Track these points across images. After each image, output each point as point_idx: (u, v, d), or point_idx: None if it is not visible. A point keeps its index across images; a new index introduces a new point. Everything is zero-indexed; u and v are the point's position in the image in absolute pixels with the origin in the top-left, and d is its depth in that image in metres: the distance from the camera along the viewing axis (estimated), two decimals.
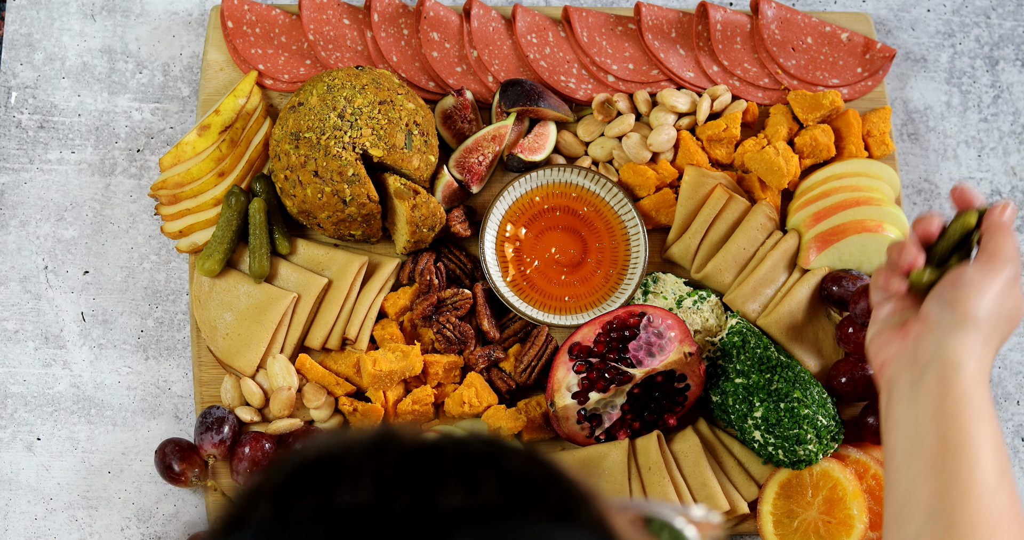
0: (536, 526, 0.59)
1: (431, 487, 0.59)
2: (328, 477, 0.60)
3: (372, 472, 0.60)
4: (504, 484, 0.60)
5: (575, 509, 0.61)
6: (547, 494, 0.61)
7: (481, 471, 0.60)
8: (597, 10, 1.58)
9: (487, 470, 0.61)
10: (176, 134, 1.54)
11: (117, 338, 1.48)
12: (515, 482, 0.61)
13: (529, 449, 0.65)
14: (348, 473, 0.60)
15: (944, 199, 1.57)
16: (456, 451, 0.62)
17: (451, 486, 0.59)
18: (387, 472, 0.60)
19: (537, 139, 1.50)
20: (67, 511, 1.43)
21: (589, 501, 0.62)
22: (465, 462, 0.61)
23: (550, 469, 0.63)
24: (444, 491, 0.59)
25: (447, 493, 0.59)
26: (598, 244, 1.48)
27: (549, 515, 0.60)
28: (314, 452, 0.63)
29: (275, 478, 0.62)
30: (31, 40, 1.57)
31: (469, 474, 0.60)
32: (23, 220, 1.51)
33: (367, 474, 0.60)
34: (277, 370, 1.42)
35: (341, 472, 0.60)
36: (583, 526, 0.61)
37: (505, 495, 0.60)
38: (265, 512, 0.60)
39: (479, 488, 0.60)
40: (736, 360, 1.39)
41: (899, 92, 1.61)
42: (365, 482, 0.60)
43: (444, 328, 1.42)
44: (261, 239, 1.44)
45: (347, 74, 1.43)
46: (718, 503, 1.39)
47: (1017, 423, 1.52)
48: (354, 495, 0.59)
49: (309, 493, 0.60)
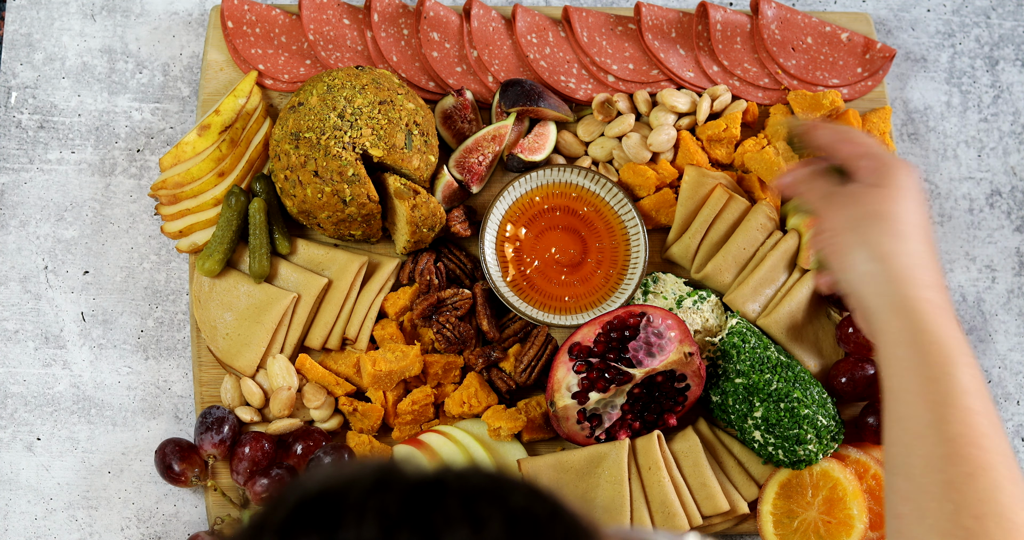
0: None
1: (436, 524, 0.59)
2: (331, 514, 0.60)
3: (376, 509, 0.60)
4: (509, 521, 0.60)
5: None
6: (551, 530, 0.61)
7: (486, 508, 0.60)
8: (597, 10, 1.58)
9: (491, 507, 0.60)
10: (176, 134, 1.54)
11: (117, 338, 1.48)
12: (519, 519, 0.60)
13: (530, 483, 0.65)
14: (352, 510, 0.60)
15: (944, 199, 1.58)
16: (459, 486, 0.62)
17: (455, 523, 0.59)
18: (391, 509, 0.60)
19: (537, 139, 1.50)
20: (67, 511, 1.43)
21: (591, 535, 0.62)
22: (469, 498, 0.61)
23: (553, 504, 0.63)
24: (449, 528, 0.59)
25: (452, 531, 0.59)
26: (598, 244, 1.48)
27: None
28: (316, 487, 0.62)
29: (278, 514, 0.62)
30: (31, 40, 1.57)
31: (473, 511, 0.60)
32: (23, 220, 1.51)
33: (371, 511, 0.60)
34: (277, 370, 1.42)
35: (344, 509, 0.60)
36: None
37: (510, 532, 0.60)
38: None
39: (484, 525, 0.59)
40: (736, 360, 1.39)
41: (899, 92, 1.61)
42: (369, 519, 0.59)
43: (444, 328, 1.42)
44: (261, 239, 1.44)
45: (347, 74, 1.43)
46: (718, 503, 1.39)
47: (1017, 423, 1.52)
48: (359, 532, 0.59)
49: (313, 530, 0.60)
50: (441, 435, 1.40)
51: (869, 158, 1.16)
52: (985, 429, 0.97)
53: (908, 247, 1.09)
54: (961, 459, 0.95)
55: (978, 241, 1.56)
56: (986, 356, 1.53)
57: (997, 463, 0.95)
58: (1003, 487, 0.94)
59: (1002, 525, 0.92)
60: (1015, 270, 1.56)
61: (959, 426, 0.97)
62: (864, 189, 1.14)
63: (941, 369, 1.00)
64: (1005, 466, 0.96)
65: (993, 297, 1.55)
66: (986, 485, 0.94)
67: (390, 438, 1.44)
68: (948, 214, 1.57)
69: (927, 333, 1.03)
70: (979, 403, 0.99)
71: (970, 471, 0.95)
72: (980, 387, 1.00)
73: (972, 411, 0.98)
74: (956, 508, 0.93)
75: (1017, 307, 1.55)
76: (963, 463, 0.95)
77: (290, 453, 1.39)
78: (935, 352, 1.01)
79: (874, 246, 1.09)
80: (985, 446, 0.96)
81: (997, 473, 0.95)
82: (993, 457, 0.96)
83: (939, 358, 1.01)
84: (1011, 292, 1.55)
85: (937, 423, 0.98)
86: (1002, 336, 1.54)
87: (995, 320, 1.54)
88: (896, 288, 1.06)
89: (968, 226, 1.57)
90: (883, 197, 1.12)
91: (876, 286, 1.08)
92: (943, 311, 1.05)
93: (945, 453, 0.96)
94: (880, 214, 1.11)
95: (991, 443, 0.97)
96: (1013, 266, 1.56)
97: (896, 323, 1.05)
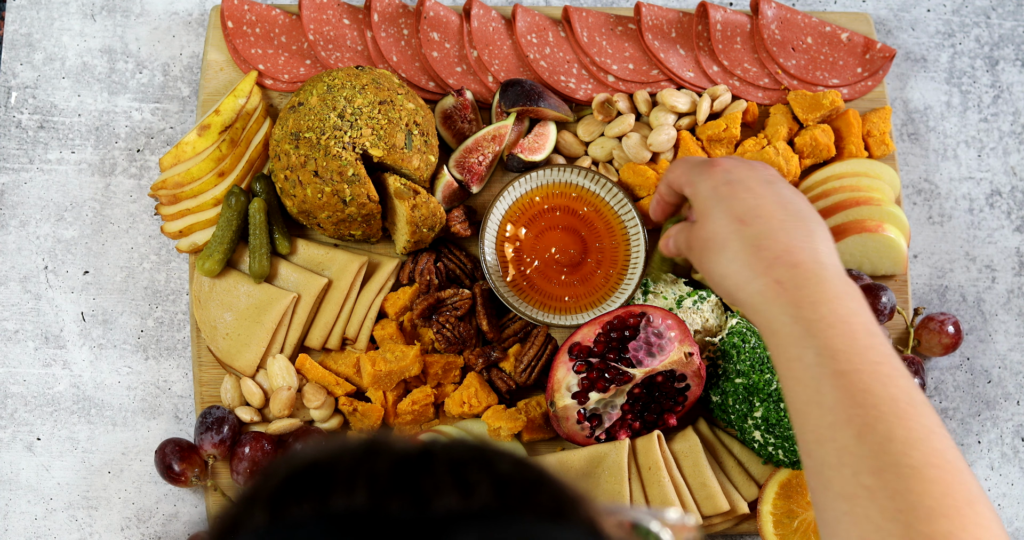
0: (533, 526, 0.59)
1: (426, 490, 0.60)
2: (322, 482, 0.61)
3: (366, 476, 0.61)
4: (497, 486, 0.61)
5: (568, 509, 0.62)
6: (540, 495, 0.62)
7: (473, 474, 0.61)
8: (597, 10, 1.58)
9: (479, 473, 0.61)
10: (176, 134, 1.54)
11: (117, 338, 1.48)
12: (508, 484, 0.61)
13: (516, 453, 0.66)
14: (342, 478, 0.61)
15: (944, 199, 1.58)
16: (446, 455, 0.62)
17: (445, 489, 0.60)
18: (381, 476, 0.61)
19: (537, 139, 1.50)
20: (67, 511, 1.43)
21: (581, 502, 0.63)
22: (457, 465, 0.62)
23: (539, 472, 0.64)
24: (439, 494, 0.60)
25: (442, 496, 0.59)
26: (598, 244, 1.48)
27: (543, 515, 0.61)
28: (306, 458, 0.63)
29: (269, 484, 0.62)
30: (31, 40, 1.57)
31: (462, 477, 0.61)
32: (23, 220, 1.51)
33: (361, 478, 0.60)
34: (277, 370, 1.42)
35: (335, 477, 0.61)
36: (577, 526, 0.61)
37: (499, 497, 0.60)
38: (261, 518, 0.61)
39: (473, 490, 0.60)
40: (736, 360, 1.39)
41: (899, 92, 1.61)
42: (360, 486, 0.60)
43: (444, 328, 1.42)
44: (261, 239, 1.44)
45: (347, 74, 1.43)
46: (718, 503, 1.39)
47: (1017, 423, 1.52)
48: (350, 499, 0.60)
49: (305, 498, 0.60)
50: (441, 435, 1.40)
51: (686, 174, 1.17)
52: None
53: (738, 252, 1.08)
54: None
55: (978, 241, 1.56)
56: (986, 356, 1.53)
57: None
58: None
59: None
60: (1015, 270, 1.56)
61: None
62: (693, 229, 1.15)
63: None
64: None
65: (993, 297, 1.55)
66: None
67: None
68: (948, 214, 1.57)
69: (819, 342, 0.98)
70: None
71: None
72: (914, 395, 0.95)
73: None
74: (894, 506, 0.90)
75: (1017, 307, 1.55)
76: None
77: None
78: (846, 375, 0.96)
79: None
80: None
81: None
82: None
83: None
84: (1011, 292, 1.55)
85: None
86: (1002, 336, 1.54)
87: (995, 320, 1.54)
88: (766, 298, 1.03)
89: (968, 226, 1.57)
90: (703, 229, 1.12)
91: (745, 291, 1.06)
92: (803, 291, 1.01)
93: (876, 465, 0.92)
94: (710, 242, 1.11)
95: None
96: (1013, 266, 1.56)
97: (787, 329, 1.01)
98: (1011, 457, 1.51)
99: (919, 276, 1.55)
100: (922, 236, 1.56)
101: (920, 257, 1.55)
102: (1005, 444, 1.52)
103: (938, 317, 1.49)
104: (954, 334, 1.49)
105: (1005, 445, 1.51)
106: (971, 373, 1.53)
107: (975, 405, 1.52)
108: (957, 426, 1.52)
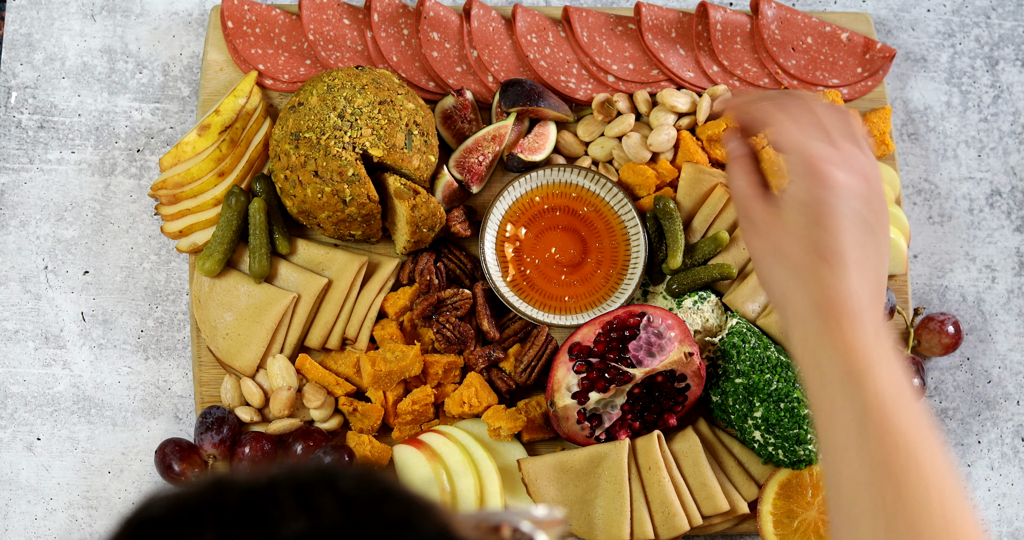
0: (382, 536, 0.61)
1: (272, 518, 0.61)
2: (171, 527, 0.62)
3: (213, 516, 0.62)
4: (342, 503, 0.62)
5: (415, 519, 0.63)
6: (386, 507, 0.63)
7: (317, 496, 0.63)
8: (597, 10, 1.58)
9: (323, 494, 0.63)
10: (176, 134, 1.54)
11: (117, 338, 1.48)
12: (352, 501, 0.63)
13: (363, 469, 0.68)
14: (190, 520, 0.62)
15: (944, 199, 1.58)
16: (291, 481, 0.64)
17: (291, 514, 0.61)
18: (227, 513, 0.62)
19: (537, 139, 1.50)
20: (67, 511, 1.43)
21: (431, 510, 0.65)
22: (301, 490, 0.63)
23: (386, 485, 0.65)
24: (285, 519, 0.61)
25: (288, 521, 0.61)
26: (598, 244, 1.48)
27: (392, 526, 0.62)
28: (156, 506, 0.64)
29: (119, 535, 0.64)
30: (31, 40, 1.57)
31: (307, 500, 0.62)
32: (23, 220, 1.51)
33: (209, 519, 0.62)
34: (277, 370, 1.42)
35: (183, 520, 0.62)
36: (426, 533, 0.63)
37: (345, 513, 0.62)
38: None
39: (319, 511, 0.62)
40: (736, 360, 1.39)
41: (899, 92, 1.61)
42: (208, 527, 0.61)
43: (444, 328, 1.42)
44: (261, 239, 1.44)
45: (347, 74, 1.43)
46: (718, 503, 1.39)
47: (1017, 423, 1.52)
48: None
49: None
50: (441, 435, 1.40)
51: (797, 156, 1.05)
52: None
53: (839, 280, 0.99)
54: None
55: (978, 241, 1.56)
56: (986, 356, 1.53)
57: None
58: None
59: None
60: (1015, 270, 1.56)
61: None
62: (788, 210, 1.04)
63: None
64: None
65: (993, 297, 1.55)
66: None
67: (390, 438, 1.44)
68: (948, 214, 1.57)
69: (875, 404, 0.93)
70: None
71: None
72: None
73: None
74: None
75: (1017, 307, 1.55)
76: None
77: (290, 453, 1.39)
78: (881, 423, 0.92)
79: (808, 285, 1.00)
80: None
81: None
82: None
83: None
84: (1011, 292, 1.55)
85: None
86: (1002, 336, 1.54)
87: (995, 320, 1.54)
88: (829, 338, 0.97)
89: (968, 226, 1.57)
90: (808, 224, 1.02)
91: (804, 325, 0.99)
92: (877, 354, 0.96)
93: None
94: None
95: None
96: (1013, 266, 1.56)
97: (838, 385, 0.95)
98: (1011, 457, 1.51)
99: (919, 276, 1.55)
100: (922, 236, 1.56)
101: (920, 257, 1.55)
102: (1005, 444, 1.52)
103: (938, 317, 1.49)
104: (954, 334, 1.49)
105: (1005, 445, 1.52)
106: (971, 373, 1.53)
107: (975, 405, 1.52)
108: (957, 426, 1.52)
